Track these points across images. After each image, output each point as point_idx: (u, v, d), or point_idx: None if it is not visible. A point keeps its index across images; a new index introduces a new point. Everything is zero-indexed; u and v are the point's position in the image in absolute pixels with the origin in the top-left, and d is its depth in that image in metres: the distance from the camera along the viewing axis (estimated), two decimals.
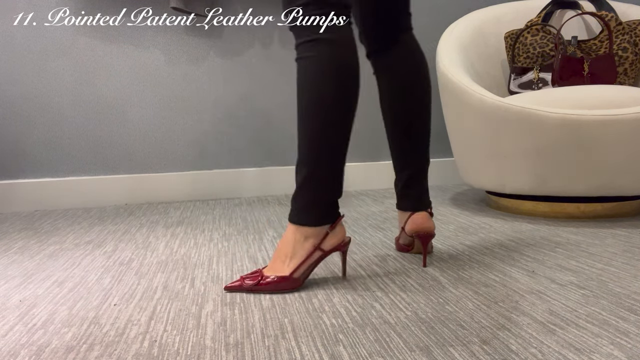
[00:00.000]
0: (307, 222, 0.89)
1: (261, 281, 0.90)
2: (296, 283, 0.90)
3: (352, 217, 1.56)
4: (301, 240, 0.89)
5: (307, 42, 0.86)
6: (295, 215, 0.90)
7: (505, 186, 1.48)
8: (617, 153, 1.31)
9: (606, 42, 1.69)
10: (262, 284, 0.90)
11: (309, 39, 0.86)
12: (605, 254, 1.10)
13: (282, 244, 0.92)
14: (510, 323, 0.76)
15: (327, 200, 0.89)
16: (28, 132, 1.86)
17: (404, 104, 1.06)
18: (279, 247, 0.92)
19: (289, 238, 0.90)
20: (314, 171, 0.87)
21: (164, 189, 1.96)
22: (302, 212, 0.89)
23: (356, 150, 2.13)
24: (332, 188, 0.89)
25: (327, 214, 0.90)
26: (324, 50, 0.86)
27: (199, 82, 1.97)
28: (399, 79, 1.06)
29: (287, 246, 0.90)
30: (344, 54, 0.88)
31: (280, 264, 0.90)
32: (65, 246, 1.31)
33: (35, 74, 1.84)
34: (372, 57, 1.11)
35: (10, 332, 0.78)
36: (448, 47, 1.71)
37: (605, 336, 0.71)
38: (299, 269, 0.90)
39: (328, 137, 0.86)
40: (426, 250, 1.04)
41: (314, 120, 0.86)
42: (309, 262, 0.90)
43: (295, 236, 0.89)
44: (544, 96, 1.42)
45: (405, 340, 0.71)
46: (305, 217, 0.89)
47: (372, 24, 1.07)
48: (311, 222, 0.89)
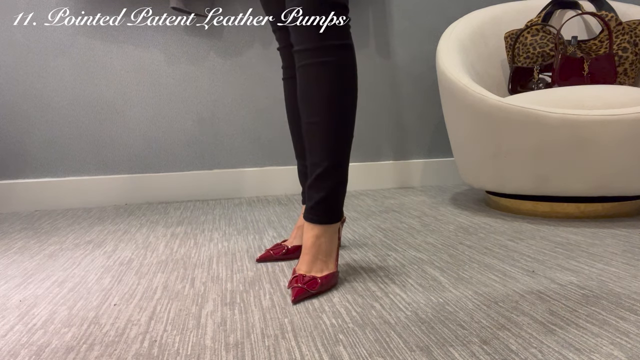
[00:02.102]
0: (338, 218, 0.96)
1: (318, 286, 0.90)
2: (338, 275, 0.98)
3: (352, 217, 1.56)
4: (334, 235, 0.96)
5: (323, 47, 0.90)
6: (332, 215, 0.95)
7: (505, 186, 1.48)
8: (617, 153, 1.31)
9: (606, 42, 1.69)
10: (320, 285, 0.90)
11: (326, 45, 0.89)
12: (605, 254, 1.10)
13: (319, 246, 0.94)
14: (510, 323, 0.76)
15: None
16: (28, 132, 1.86)
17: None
18: (316, 249, 0.94)
19: (325, 238, 0.95)
20: (345, 173, 0.95)
21: (164, 188, 1.96)
22: (336, 211, 0.95)
23: (356, 150, 2.13)
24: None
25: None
26: (346, 55, 0.91)
27: (198, 82, 1.97)
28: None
29: (326, 246, 0.95)
30: (354, 58, 0.93)
31: (321, 263, 0.94)
32: (65, 246, 1.31)
33: (35, 73, 1.84)
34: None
35: (10, 332, 0.78)
36: (448, 47, 1.71)
37: (605, 336, 0.71)
38: (337, 262, 0.97)
39: (351, 139, 0.95)
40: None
41: (350, 125, 0.93)
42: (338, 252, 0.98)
43: (329, 234, 0.95)
44: (544, 96, 1.42)
45: (405, 340, 0.71)
46: (338, 215, 0.96)
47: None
48: (339, 217, 0.97)
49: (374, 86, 2.12)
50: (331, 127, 0.91)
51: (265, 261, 1.12)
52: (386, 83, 2.13)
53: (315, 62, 0.89)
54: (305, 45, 0.90)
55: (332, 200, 0.94)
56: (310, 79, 0.90)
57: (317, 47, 0.89)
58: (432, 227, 1.40)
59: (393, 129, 2.16)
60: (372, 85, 2.12)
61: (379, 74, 2.12)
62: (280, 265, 1.09)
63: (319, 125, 0.91)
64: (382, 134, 2.15)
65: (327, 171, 0.93)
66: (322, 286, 0.90)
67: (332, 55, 0.89)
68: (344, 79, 0.91)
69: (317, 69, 0.90)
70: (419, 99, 2.17)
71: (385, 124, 2.15)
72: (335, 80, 0.90)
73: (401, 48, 2.12)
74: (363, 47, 2.09)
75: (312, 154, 0.94)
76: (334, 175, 0.93)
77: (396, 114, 2.15)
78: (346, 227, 1.43)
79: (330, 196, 0.94)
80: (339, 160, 0.93)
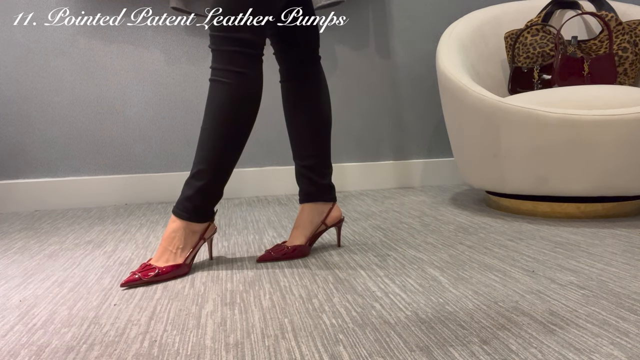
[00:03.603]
0: (198, 220, 1.05)
1: (159, 272, 1.00)
2: (187, 269, 1.06)
3: (352, 217, 1.56)
4: (190, 233, 1.05)
5: (222, 70, 1.01)
6: (186, 213, 1.04)
7: (505, 186, 1.48)
8: (617, 153, 1.31)
9: (606, 42, 1.69)
10: (161, 273, 1.00)
11: (223, 68, 1.00)
12: (605, 254, 1.10)
13: (171, 237, 1.04)
14: (510, 323, 0.76)
15: (214, 205, 1.08)
16: (28, 132, 1.86)
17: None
18: (169, 241, 1.04)
19: (179, 231, 1.04)
20: (213, 182, 1.04)
21: (164, 189, 1.96)
22: (195, 212, 1.04)
23: (356, 150, 2.13)
24: (220, 196, 1.08)
25: (211, 213, 1.08)
26: (238, 80, 1.01)
27: (198, 82, 1.97)
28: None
29: (177, 238, 1.04)
30: (253, 85, 1.03)
31: (170, 254, 1.04)
32: (65, 246, 1.31)
33: (35, 73, 1.84)
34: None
35: (10, 332, 0.78)
36: (448, 47, 1.71)
37: (605, 336, 0.71)
38: (189, 257, 1.06)
39: (235, 160, 1.05)
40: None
41: (236, 141, 1.04)
42: (196, 250, 1.07)
43: (185, 230, 1.04)
44: (544, 96, 1.42)
45: (405, 340, 0.71)
46: (196, 216, 1.05)
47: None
48: (201, 220, 1.06)
49: (374, 86, 2.12)
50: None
51: (265, 261, 1.12)
52: (386, 83, 2.13)
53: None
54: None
55: (196, 200, 1.04)
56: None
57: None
58: (432, 227, 1.40)
59: (393, 129, 2.16)
60: (372, 85, 2.12)
61: (379, 74, 2.12)
62: (280, 265, 1.09)
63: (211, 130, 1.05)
64: (382, 134, 2.15)
65: (199, 173, 1.05)
66: (160, 276, 1.00)
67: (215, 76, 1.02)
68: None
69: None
70: (419, 99, 2.17)
71: (385, 123, 2.15)
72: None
73: (401, 48, 2.12)
74: (363, 47, 2.09)
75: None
76: (203, 179, 1.04)
77: (396, 113, 2.15)
78: (346, 227, 1.43)
79: (194, 196, 1.04)
80: (205, 167, 1.04)
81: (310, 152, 1.17)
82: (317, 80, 1.18)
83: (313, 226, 1.17)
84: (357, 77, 2.10)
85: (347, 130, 2.11)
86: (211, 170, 1.02)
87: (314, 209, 1.18)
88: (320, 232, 1.19)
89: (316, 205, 1.18)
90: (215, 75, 1.01)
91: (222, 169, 1.03)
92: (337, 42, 2.06)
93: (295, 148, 1.19)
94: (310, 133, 1.17)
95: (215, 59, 1.00)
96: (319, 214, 1.18)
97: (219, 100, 1.00)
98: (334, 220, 1.20)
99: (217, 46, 1.00)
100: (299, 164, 1.19)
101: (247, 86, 1.01)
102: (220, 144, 1.01)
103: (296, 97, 1.17)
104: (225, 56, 0.99)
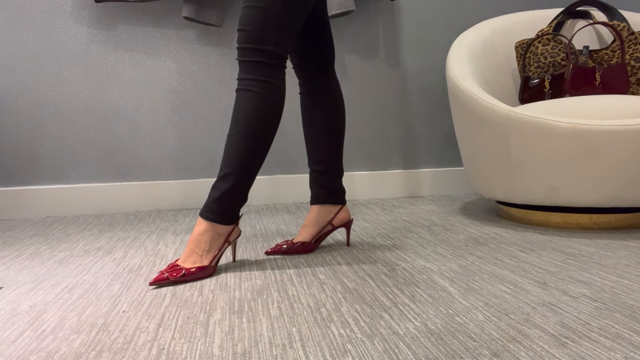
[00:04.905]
0: (223, 222, 1.09)
1: (185, 273, 1.04)
2: (212, 270, 1.09)
3: (361, 226, 1.56)
4: (216, 236, 1.09)
5: (249, 79, 1.06)
6: (213, 214, 1.07)
7: (516, 196, 1.47)
8: (630, 163, 1.29)
9: (618, 51, 1.68)
10: (187, 274, 1.04)
11: (250, 78, 1.06)
12: (618, 265, 1.09)
13: (197, 239, 1.08)
14: (521, 335, 0.75)
15: (239, 207, 1.11)
16: (40, 139, 1.89)
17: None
18: (195, 244, 1.07)
19: (205, 234, 1.08)
20: (240, 185, 1.08)
21: (174, 196, 1.97)
22: (221, 213, 1.08)
23: (365, 159, 2.12)
24: (245, 199, 1.12)
25: (236, 216, 1.11)
26: (266, 89, 1.07)
27: (209, 90, 1.98)
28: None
29: (204, 241, 1.08)
30: (277, 93, 1.09)
31: (197, 256, 1.07)
32: (76, 252, 1.32)
33: (49, 82, 1.87)
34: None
35: (20, 337, 0.79)
36: (458, 56, 1.70)
37: (619, 350, 0.70)
38: (214, 259, 1.09)
39: (259, 164, 1.10)
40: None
41: (262, 145, 1.09)
42: (221, 253, 1.11)
43: (211, 233, 1.08)
44: (555, 106, 1.41)
45: (414, 351, 0.71)
46: (222, 218, 1.08)
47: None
48: (227, 222, 1.09)
49: (383, 95, 2.12)
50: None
51: (273, 254, 1.24)
52: (396, 92, 2.13)
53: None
54: None
55: (222, 202, 1.08)
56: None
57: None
58: (442, 237, 1.39)
59: (403, 138, 2.15)
60: (382, 94, 2.12)
61: (389, 83, 2.12)
62: (289, 273, 1.09)
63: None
64: (392, 143, 2.14)
65: (225, 175, 1.09)
66: (186, 276, 1.03)
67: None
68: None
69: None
70: (429, 108, 2.16)
71: (394, 133, 2.14)
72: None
73: (411, 57, 2.13)
74: (373, 57, 2.09)
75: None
76: (229, 181, 1.09)
77: (406, 123, 2.15)
78: (354, 236, 1.42)
79: (221, 198, 1.08)
80: (233, 169, 1.08)
81: (323, 158, 1.25)
82: (332, 91, 1.25)
83: (319, 225, 1.26)
84: (366, 86, 2.10)
85: (357, 139, 2.11)
86: (237, 173, 1.07)
87: (322, 210, 1.26)
88: (327, 232, 1.28)
89: (324, 207, 1.27)
90: (242, 85, 1.06)
91: (247, 172, 1.08)
92: (347, 52, 2.07)
93: (310, 153, 1.27)
94: (324, 140, 1.25)
95: (243, 70, 1.06)
96: (326, 214, 1.26)
97: (247, 108, 1.06)
98: (341, 221, 1.28)
99: (244, 57, 1.05)
100: (312, 168, 1.27)
101: (272, 94, 1.07)
102: (247, 149, 1.06)
103: (313, 107, 1.25)
104: (251, 66, 1.05)
